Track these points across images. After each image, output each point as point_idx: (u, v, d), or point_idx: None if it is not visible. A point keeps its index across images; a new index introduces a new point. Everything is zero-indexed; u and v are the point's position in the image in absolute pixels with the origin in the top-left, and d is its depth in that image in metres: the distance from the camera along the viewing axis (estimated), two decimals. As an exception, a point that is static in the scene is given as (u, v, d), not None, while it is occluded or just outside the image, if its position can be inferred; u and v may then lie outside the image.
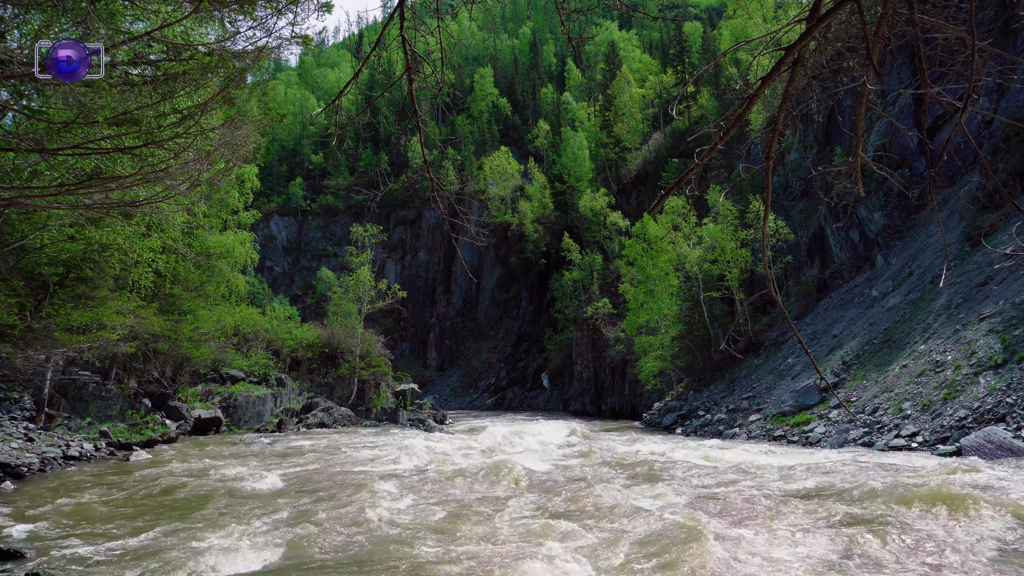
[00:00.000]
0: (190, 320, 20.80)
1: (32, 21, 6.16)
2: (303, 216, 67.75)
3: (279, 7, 5.99)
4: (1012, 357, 13.55)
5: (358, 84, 4.21)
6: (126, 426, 18.05)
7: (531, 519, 7.91)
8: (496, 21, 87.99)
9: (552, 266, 54.17)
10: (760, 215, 28.60)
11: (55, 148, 5.85)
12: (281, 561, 6.41)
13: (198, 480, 10.99)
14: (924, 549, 6.21)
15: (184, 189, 7.67)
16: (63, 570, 6.01)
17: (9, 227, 11.73)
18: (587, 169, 54.95)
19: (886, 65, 27.30)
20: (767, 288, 26.65)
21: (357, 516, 8.10)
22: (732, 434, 19.60)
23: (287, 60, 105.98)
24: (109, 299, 15.37)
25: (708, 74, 49.70)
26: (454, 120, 70.00)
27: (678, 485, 10.19)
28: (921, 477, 9.30)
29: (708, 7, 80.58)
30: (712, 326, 28.60)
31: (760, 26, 43.89)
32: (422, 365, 58.39)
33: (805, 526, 7.15)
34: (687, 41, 58.48)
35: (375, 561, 6.24)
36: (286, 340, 29.50)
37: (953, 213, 22.49)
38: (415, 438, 19.92)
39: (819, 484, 9.68)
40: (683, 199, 31.36)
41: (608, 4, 4.11)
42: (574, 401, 42.11)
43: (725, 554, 6.03)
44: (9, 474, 11.21)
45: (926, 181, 25.21)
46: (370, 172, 67.28)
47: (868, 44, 2.85)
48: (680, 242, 30.94)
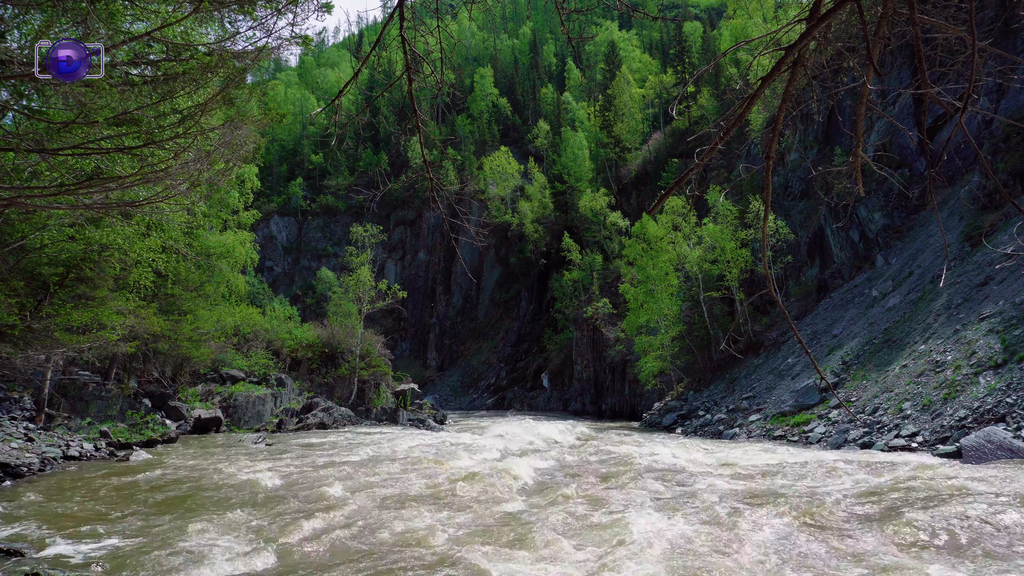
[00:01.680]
0: (190, 320, 20.80)
1: (32, 21, 6.16)
2: (303, 216, 67.76)
3: (279, 7, 5.99)
4: (1012, 357, 13.55)
5: (358, 84, 4.21)
6: (126, 426, 18.05)
7: (532, 518, 7.91)
8: (496, 21, 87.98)
9: (552, 266, 54.18)
10: (760, 215, 28.60)
11: (55, 148, 5.85)
12: (280, 561, 6.41)
13: (198, 480, 10.99)
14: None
15: (184, 189, 7.67)
16: (62, 569, 6.01)
17: (9, 227, 11.73)
18: (587, 169, 54.95)
19: (886, 65, 27.30)
20: (767, 288, 26.65)
21: (357, 516, 8.10)
22: (732, 434, 19.60)
23: (287, 60, 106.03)
24: (109, 299, 15.36)
25: (708, 74, 49.73)
26: (454, 120, 70.02)
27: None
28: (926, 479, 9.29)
29: (708, 7, 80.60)
30: (712, 326, 28.61)
31: (760, 26, 43.88)
32: (422, 365, 58.40)
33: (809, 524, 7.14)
34: (687, 41, 58.50)
35: (374, 561, 6.24)
36: (286, 340, 29.50)
37: (953, 213, 22.49)
38: (415, 438, 19.92)
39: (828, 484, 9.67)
40: (683, 199, 31.36)
41: (608, 4, 4.11)
42: (574, 401, 42.12)
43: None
44: (9, 474, 11.21)
45: (926, 181, 25.22)
46: (370, 172, 67.30)
47: (868, 44, 2.85)
48: (680, 242, 30.94)
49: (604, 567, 5.92)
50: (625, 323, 34.25)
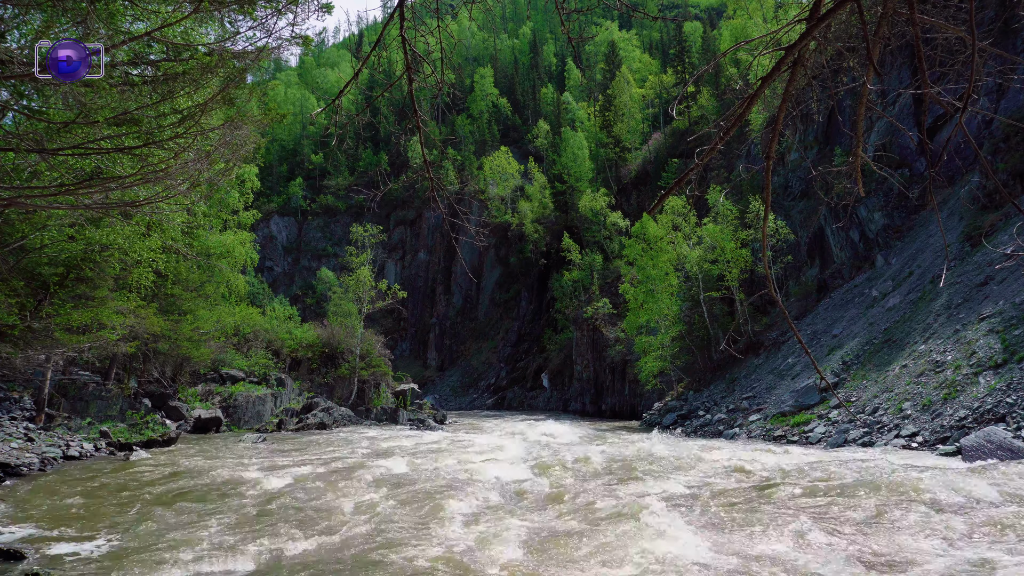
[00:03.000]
0: (190, 320, 20.81)
1: (32, 21, 6.16)
2: (303, 216, 67.76)
3: (279, 7, 5.99)
4: (1012, 357, 13.55)
5: (358, 84, 4.21)
6: (126, 426, 18.05)
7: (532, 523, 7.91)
8: (496, 21, 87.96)
9: (552, 266, 54.16)
10: (760, 215, 28.60)
11: (55, 148, 5.85)
12: (281, 561, 6.41)
13: (197, 480, 10.99)
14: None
15: (184, 189, 7.67)
16: (62, 570, 6.01)
17: (9, 227, 11.73)
18: (587, 169, 54.94)
19: (886, 65, 27.31)
20: (767, 288, 26.66)
21: (356, 517, 8.10)
22: (732, 434, 19.60)
23: (287, 60, 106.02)
24: (109, 299, 15.37)
25: (708, 74, 49.73)
26: (454, 120, 70.01)
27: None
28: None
29: (708, 7, 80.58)
30: (712, 326, 28.60)
31: (760, 26, 43.87)
32: (422, 365, 58.40)
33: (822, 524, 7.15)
34: (687, 41, 58.49)
35: (373, 562, 6.24)
36: (286, 340, 29.51)
37: (953, 213, 22.49)
38: (415, 438, 19.92)
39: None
40: (683, 199, 31.36)
41: (608, 4, 4.11)
42: (574, 401, 42.11)
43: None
44: (9, 474, 11.21)
45: (926, 181, 25.22)
46: (370, 172, 67.30)
47: (868, 44, 2.85)
48: (680, 242, 30.94)
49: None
50: (625, 323, 34.24)
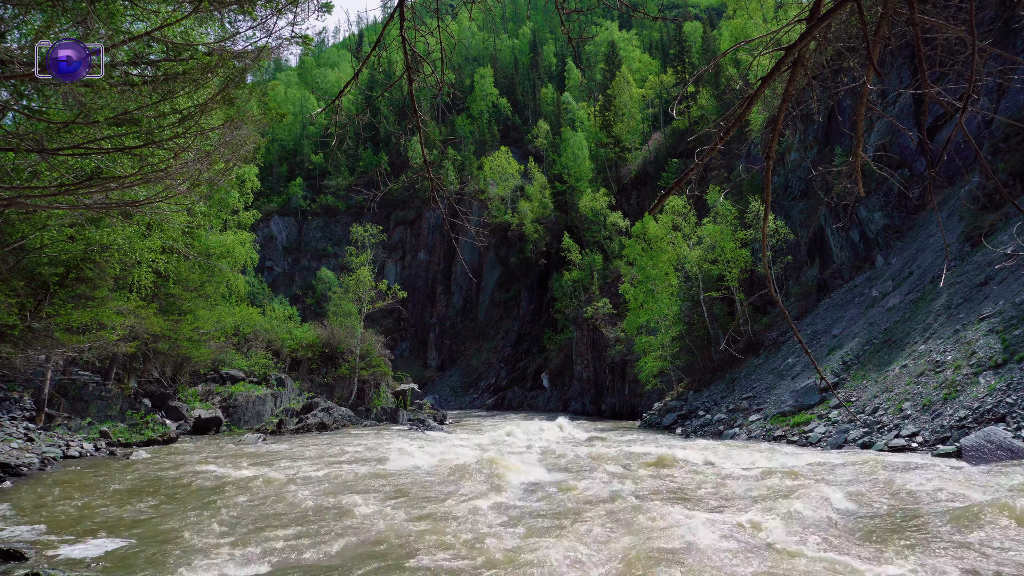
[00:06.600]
0: (190, 320, 20.81)
1: (32, 21, 6.16)
2: (303, 216, 67.77)
3: (279, 7, 5.99)
4: (1012, 357, 13.55)
5: (358, 84, 4.21)
6: (126, 426, 18.05)
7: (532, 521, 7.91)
8: (496, 21, 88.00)
9: (552, 266, 54.17)
10: (760, 215, 28.61)
11: (55, 148, 5.85)
12: (281, 561, 6.41)
13: (197, 480, 10.99)
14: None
15: (184, 189, 7.66)
16: (62, 570, 6.01)
17: (9, 227, 11.74)
18: (587, 169, 54.95)
19: (886, 65, 27.31)
20: (767, 288, 26.66)
21: (355, 517, 8.10)
22: (732, 434, 19.60)
23: (287, 60, 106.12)
24: (109, 299, 15.38)
25: (708, 74, 49.69)
26: (454, 120, 70.01)
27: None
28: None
29: (708, 7, 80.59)
30: (712, 326, 28.60)
31: (760, 26, 43.86)
32: (422, 365, 58.40)
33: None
34: (687, 41, 58.48)
35: (372, 563, 6.24)
36: (286, 340, 29.50)
37: (953, 213, 22.49)
38: (415, 438, 19.93)
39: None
40: (683, 199, 31.37)
41: (608, 4, 4.11)
42: (574, 401, 42.11)
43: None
44: (9, 474, 11.21)
45: (926, 181, 25.19)
46: (370, 172, 67.29)
47: (868, 44, 2.85)
48: (680, 242, 30.94)
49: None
50: (625, 323, 34.25)
